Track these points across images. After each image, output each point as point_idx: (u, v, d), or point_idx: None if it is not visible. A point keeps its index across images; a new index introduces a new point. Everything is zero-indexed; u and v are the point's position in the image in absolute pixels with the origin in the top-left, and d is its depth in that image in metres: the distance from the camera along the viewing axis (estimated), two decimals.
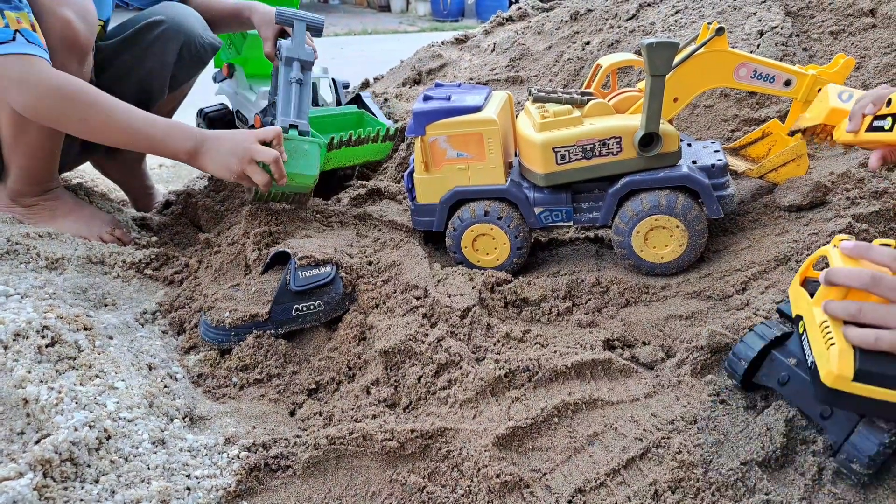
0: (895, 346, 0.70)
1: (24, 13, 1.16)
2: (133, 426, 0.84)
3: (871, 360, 0.70)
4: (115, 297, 1.18)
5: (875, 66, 1.57)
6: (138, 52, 1.45)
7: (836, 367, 0.70)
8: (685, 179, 1.19)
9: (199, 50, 1.53)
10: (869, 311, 0.72)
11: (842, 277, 0.74)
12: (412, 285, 1.18)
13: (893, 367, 0.70)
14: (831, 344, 0.72)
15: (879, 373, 0.70)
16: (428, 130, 1.25)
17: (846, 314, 0.73)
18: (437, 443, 0.90)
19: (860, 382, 0.70)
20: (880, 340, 0.70)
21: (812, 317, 0.77)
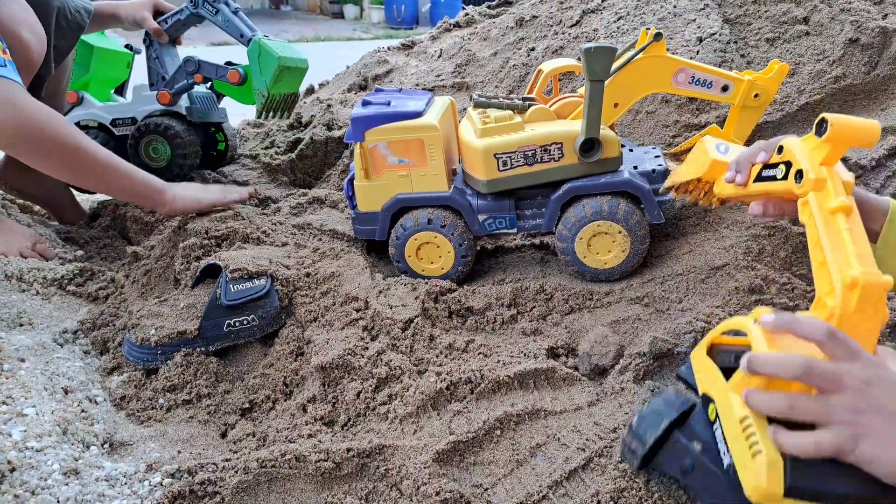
0: (838, 450, 0.57)
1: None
2: (42, 456, 0.78)
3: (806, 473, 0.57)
4: (32, 317, 1.10)
5: (809, 72, 1.61)
6: None
7: (765, 483, 0.57)
8: (626, 185, 1.19)
9: (76, 15, 1.48)
10: (802, 407, 0.59)
11: (770, 366, 0.60)
12: (352, 297, 1.14)
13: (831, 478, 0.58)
14: (757, 451, 0.58)
15: (815, 488, 0.57)
16: (367, 136, 1.21)
17: (774, 410, 0.60)
18: (375, 461, 0.86)
19: (793, 499, 0.58)
20: (821, 446, 0.57)
21: (729, 406, 0.64)
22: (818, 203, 0.71)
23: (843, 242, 0.66)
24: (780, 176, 0.78)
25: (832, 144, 0.72)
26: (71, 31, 1.48)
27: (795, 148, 0.76)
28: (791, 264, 1.22)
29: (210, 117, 1.74)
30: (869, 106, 1.57)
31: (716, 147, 0.97)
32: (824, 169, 0.72)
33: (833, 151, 0.72)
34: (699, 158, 0.99)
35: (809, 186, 0.72)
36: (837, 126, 0.70)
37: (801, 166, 0.74)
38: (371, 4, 11.62)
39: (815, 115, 1.57)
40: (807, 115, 1.57)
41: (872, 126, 0.71)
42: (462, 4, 9.42)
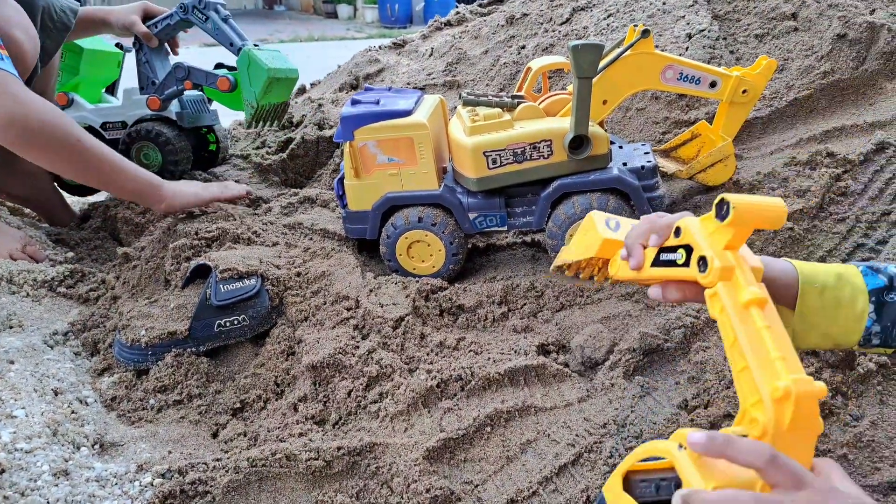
0: None
1: None
2: (32, 457, 0.78)
3: None
4: (22, 318, 1.10)
5: (797, 68, 1.62)
6: None
7: None
8: (616, 181, 1.19)
9: (61, 14, 1.48)
10: None
11: None
12: (343, 296, 1.14)
13: None
14: None
15: None
16: (356, 135, 1.21)
17: None
18: (366, 459, 0.86)
19: None
20: None
21: None
22: (729, 296, 0.63)
23: (763, 344, 0.59)
24: (681, 261, 0.69)
25: (735, 229, 0.63)
26: (57, 31, 1.48)
27: (695, 231, 0.68)
28: (782, 246, 1.23)
29: (201, 121, 1.74)
30: (857, 101, 1.57)
31: (605, 223, 0.87)
32: (730, 256, 0.64)
33: (737, 235, 0.64)
34: (588, 237, 0.89)
35: (716, 276, 0.63)
36: (740, 210, 0.62)
37: (703, 252, 0.65)
38: (364, 4, 11.61)
39: (805, 111, 1.58)
40: (796, 111, 1.58)
41: (777, 207, 0.64)
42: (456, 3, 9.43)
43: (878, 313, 0.73)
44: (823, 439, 0.92)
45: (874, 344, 0.74)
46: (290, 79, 1.63)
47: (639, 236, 0.77)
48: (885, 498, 0.86)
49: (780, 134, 1.56)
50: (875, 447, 0.92)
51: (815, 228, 1.26)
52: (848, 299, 0.73)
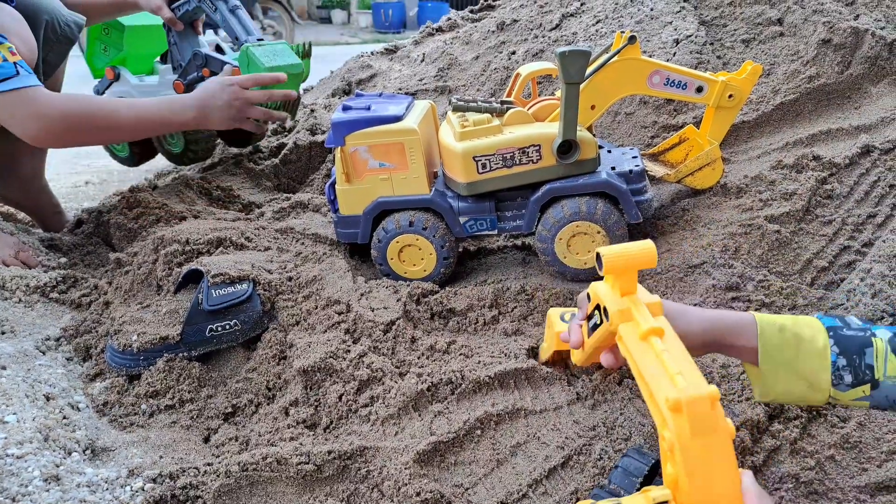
0: None
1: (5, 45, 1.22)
2: (23, 463, 0.78)
3: None
4: (15, 324, 1.10)
5: (784, 73, 1.63)
6: None
7: None
8: (604, 185, 1.20)
9: (65, 28, 1.49)
10: None
11: None
12: (334, 300, 1.15)
13: None
14: None
15: None
16: (347, 140, 1.22)
17: None
18: (357, 463, 0.87)
19: None
20: None
21: None
22: (629, 333, 0.69)
23: (662, 365, 0.62)
24: (600, 321, 0.76)
25: (615, 276, 0.72)
26: (60, 44, 1.49)
27: (599, 289, 0.75)
28: (767, 262, 1.24)
29: None
30: (842, 105, 1.59)
31: (560, 318, 0.95)
32: (626, 300, 0.71)
33: (624, 281, 0.71)
34: (549, 332, 0.98)
35: (616, 319, 0.70)
36: (609, 259, 0.70)
37: (604, 304, 0.73)
38: (358, 9, 11.62)
39: (791, 115, 1.60)
40: (782, 115, 1.60)
41: (645, 250, 0.71)
42: (450, 8, 9.47)
43: (840, 347, 0.74)
44: (811, 440, 0.93)
45: (847, 383, 0.73)
46: (293, 74, 1.59)
47: (577, 317, 0.84)
48: (873, 498, 0.87)
49: (766, 138, 1.58)
50: (862, 448, 0.93)
51: (802, 231, 1.28)
52: (808, 335, 0.75)
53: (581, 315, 0.83)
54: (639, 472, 0.75)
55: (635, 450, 0.81)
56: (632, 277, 0.72)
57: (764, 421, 0.92)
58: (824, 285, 1.21)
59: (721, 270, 1.20)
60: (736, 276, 1.18)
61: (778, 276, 1.21)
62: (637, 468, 0.76)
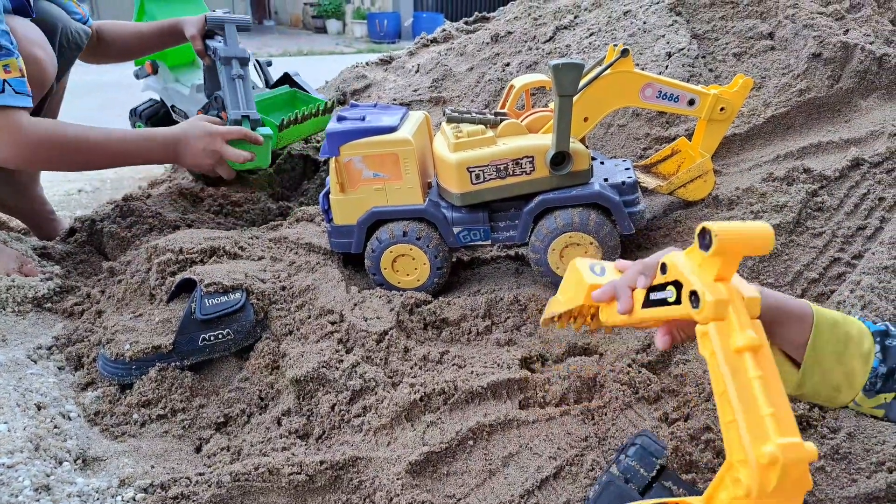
0: None
1: (13, 59, 1.23)
2: (13, 472, 0.78)
3: None
4: (6, 333, 1.10)
5: (774, 86, 1.65)
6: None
7: None
8: (597, 197, 1.21)
9: (76, 35, 1.51)
10: None
11: None
12: (327, 310, 1.15)
13: None
14: None
15: None
16: (342, 151, 1.23)
17: None
18: (349, 473, 0.87)
19: None
20: None
21: None
22: (720, 340, 0.59)
23: (753, 396, 0.56)
24: (672, 299, 0.65)
25: (722, 258, 0.60)
26: (70, 51, 1.52)
27: (681, 265, 0.63)
28: (758, 273, 1.25)
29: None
30: (833, 118, 1.61)
31: (590, 269, 0.83)
32: (722, 288, 0.60)
33: (725, 265, 0.60)
34: (575, 285, 0.84)
35: (710, 311, 0.59)
36: (724, 238, 0.58)
37: (693, 286, 0.61)
38: (353, 19, 11.68)
39: (781, 128, 1.62)
40: (773, 128, 1.62)
41: (763, 232, 0.60)
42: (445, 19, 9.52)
43: (884, 353, 0.71)
44: None
45: (877, 389, 0.71)
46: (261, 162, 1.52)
47: (628, 279, 0.75)
48: None
49: (757, 150, 1.59)
50: (852, 459, 0.93)
51: (792, 243, 1.29)
52: (856, 336, 0.72)
53: (642, 281, 0.72)
54: (658, 454, 0.73)
55: (647, 433, 0.78)
56: (736, 262, 0.61)
57: None
58: (814, 297, 1.22)
59: None
60: None
61: (768, 288, 1.22)
62: (656, 450, 0.73)
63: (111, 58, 1.75)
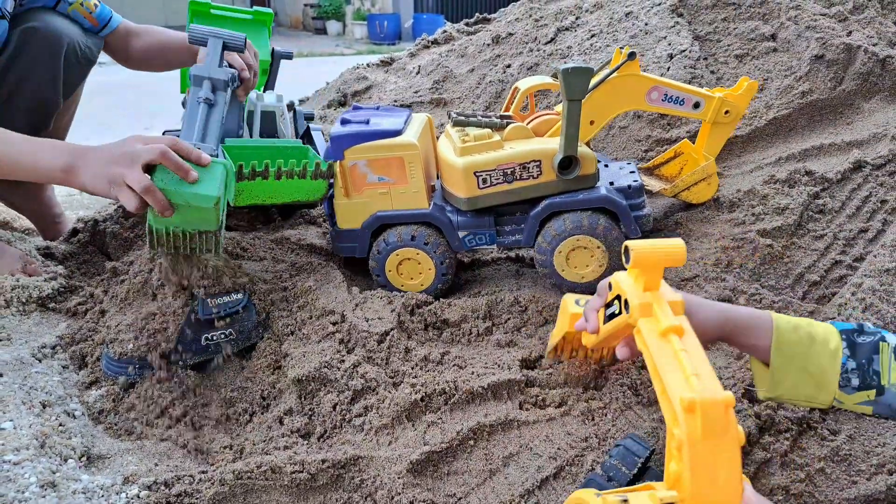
0: None
1: None
2: (19, 469, 0.78)
3: None
4: (11, 332, 1.11)
5: (777, 88, 1.66)
6: (26, 65, 1.38)
7: None
8: (604, 201, 1.21)
9: (85, 50, 1.48)
10: None
11: None
12: (329, 310, 1.16)
13: None
14: None
15: None
16: (347, 155, 1.23)
17: None
18: (350, 472, 0.87)
19: None
20: None
21: None
22: (648, 328, 0.69)
23: (679, 364, 0.64)
24: (618, 311, 0.76)
25: (641, 270, 0.72)
26: (80, 66, 1.48)
27: (622, 280, 0.76)
28: (759, 275, 1.25)
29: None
30: (835, 120, 1.62)
31: (575, 302, 0.96)
32: (647, 294, 0.71)
33: (650, 276, 0.72)
34: (562, 317, 0.98)
35: (636, 312, 0.71)
36: (638, 253, 0.70)
37: (625, 296, 0.74)
38: (354, 20, 11.69)
39: (784, 130, 1.62)
40: (775, 130, 1.62)
41: (675, 247, 0.71)
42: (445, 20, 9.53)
43: (851, 350, 0.75)
44: (801, 453, 0.94)
45: (854, 386, 0.75)
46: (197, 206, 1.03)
47: (591, 304, 0.85)
48: None
49: (759, 152, 1.60)
50: (852, 461, 0.94)
51: (794, 245, 1.29)
52: (821, 336, 0.76)
53: (599, 302, 0.83)
54: (640, 453, 0.78)
55: (633, 435, 0.83)
56: (658, 273, 0.72)
57: (755, 433, 0.93)
58: (816, 299, 1.22)
59: (713, 284, 1.21)
60: (728, 290, 1.19)
61: (770, 290, 1.22)
62: (638, 449, 0.78)
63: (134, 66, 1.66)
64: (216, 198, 1.03)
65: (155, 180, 0.99)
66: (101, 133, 3.06)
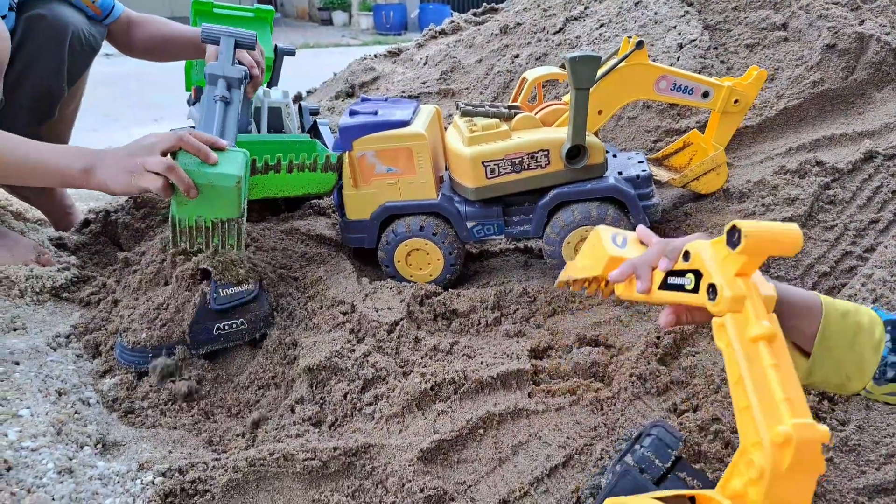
0: None
1: None
2: (37, 455, 0.80)
3: None
4: (26, 321, 1.12)
5: (788, 77, 1.65)
6: (31, 53, 1.38)
7: None
8: (613, 191, 1.21)
9: (90, 38, 1.47)
10: None
11: None
12: (339, 301, 1.16)
13: None
14: None
15: None
16: (355, 145, 1.24)
17: None
18: (362, 460, 0.88)
19: None
20: None
21: None
22: (737, 330, 0.61)
23: (768, 383, 0.57)
24: (690, 287, 0.67)
25: (748, 256, 0.61)
26: (84, 54, 1.48)
27: (705, 256, 0.65)
28: (769, 266, 1.25)
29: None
30: (846, 110, 1.61)
31: (612, 240, 0.84)
32: (741, 283, 0.61)
33: (749, 263, 0.61)
34: (595, 253, 0.86)
35: (726, 306, 0.61)
36: (753, 238, 0.59)
37: (713, 279, 0.63)
38: (359, 11, 11.65)
39: (794, 120, 1.62)
40: (785, 120, 1.61)
41: (792, 233, 0.61)
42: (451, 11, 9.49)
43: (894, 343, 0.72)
44: None
45: (888, 378, 0.72)
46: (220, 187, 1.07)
47: (649, 259, 0.76)
48: (871, 501, 0.88)
49: (770, 143, 1.59)
50: (861, 451, 0.94)
51: (804, 236, 1.29)
52: (867, 325, 0.72)
53: (665, 264, 0.73)
54: (674, 445, 0.74)
55: (663, 424, 0.79)
56: (760, 260, 0.62)
57: None
58: (826, 290, 1.22)
59: None
60: None
61: (780, 281, 1.22)
62: (672, 441, 0.75)
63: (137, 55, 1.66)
64: (238, 177, 1.06)
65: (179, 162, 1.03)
66: (106, 124, 3.07)
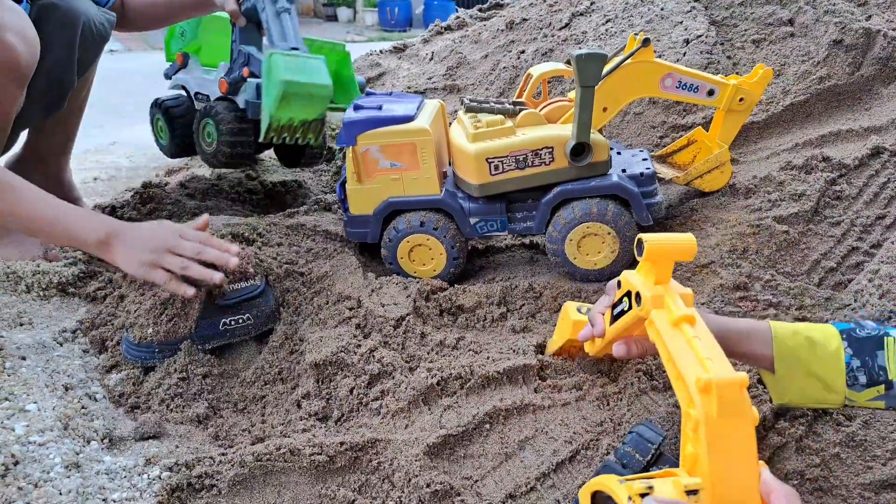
0: None
1: None
2: (44, 450, 0.80)
3: None
4: (32, 316, 1.13)
5: (794, 73, 1.64)
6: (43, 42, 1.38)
7: None
8: (616, 188, 1.21)
9: (100, 27, 1.47)
10: None
11: None
12: (345, 296, 1.16)
13: None
14: None
15: None
16: (359, 140, 1.23)
17: None
18: (368, 455, 0.89)
19: None
20: None
21: None
22: (661, 319, 0.71)
23: (692, 350, 0.65)
24: (627, 308, 0.78)
25: (653, 263, 0.73)
26: (94, 44, 1.48)
27: (631, 277, 0.77)
28: (775, 262, 1.25)
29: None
30: (853, 106, 1.60)
31: (577, 310, 0.98)
32: (660, 288, 0.73)
33: (660, 270, 0.73)
34: (563, 324, 1.01)
35: (649, 304, 0.72)
36: (651, 246, 0.72)
37: (636, 290, 0.75)
38: (364, 7, 11.64)
39: (801, 116, 1.61)
40: (792, 116, 1.61)
41: (686, 241, 0.73)
42: (455, 7, 9.47)
43: (853, 349, 0.76)
44: (816, 438, 0.94)
45: (862, 383, 0.75)
46: (316, 95, 1.31)
47: (597, 307, 0.86)
48: (877, 496, 0.88)
49: (776, 138, 1.58)
50: (867, 446, 0.94)
51: (810, 232, 1.29)
52: (821, 338, 0.78)
53: (607, 302, 0.84)
54: (654, 439, 0.78)
55: (647, 422, 0.84)
56: (668, 267, 0.74)
57: (770, 418, 0.93)
58: (832, 286, 1.22)
59: (729, 270, 1.21)
60: (744, 276, 1.19)
61: (786, 277, 1.22)
62: (652, 436, 0.79)
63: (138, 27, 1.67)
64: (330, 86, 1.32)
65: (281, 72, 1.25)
66: (110, 119, 3.08)
